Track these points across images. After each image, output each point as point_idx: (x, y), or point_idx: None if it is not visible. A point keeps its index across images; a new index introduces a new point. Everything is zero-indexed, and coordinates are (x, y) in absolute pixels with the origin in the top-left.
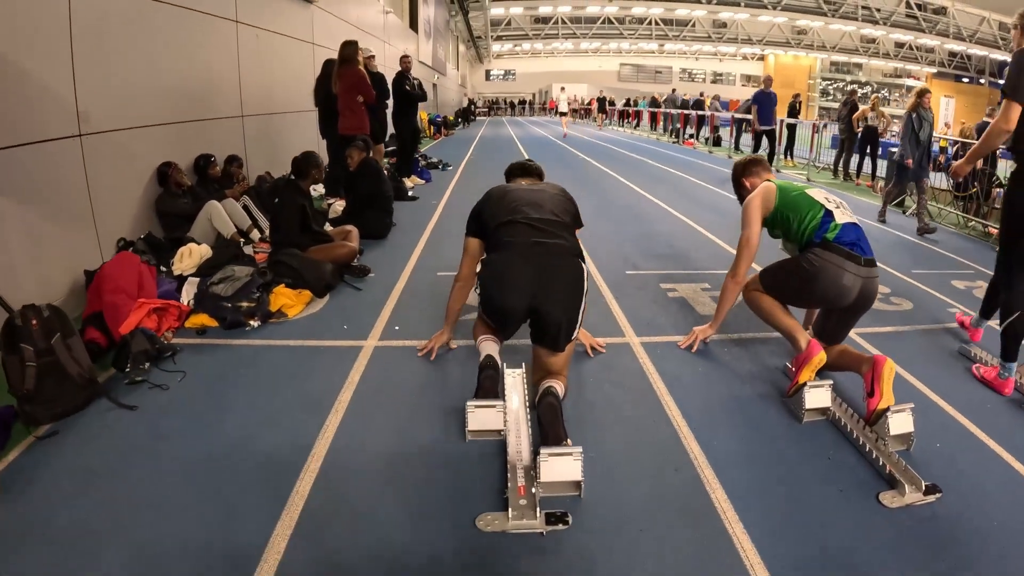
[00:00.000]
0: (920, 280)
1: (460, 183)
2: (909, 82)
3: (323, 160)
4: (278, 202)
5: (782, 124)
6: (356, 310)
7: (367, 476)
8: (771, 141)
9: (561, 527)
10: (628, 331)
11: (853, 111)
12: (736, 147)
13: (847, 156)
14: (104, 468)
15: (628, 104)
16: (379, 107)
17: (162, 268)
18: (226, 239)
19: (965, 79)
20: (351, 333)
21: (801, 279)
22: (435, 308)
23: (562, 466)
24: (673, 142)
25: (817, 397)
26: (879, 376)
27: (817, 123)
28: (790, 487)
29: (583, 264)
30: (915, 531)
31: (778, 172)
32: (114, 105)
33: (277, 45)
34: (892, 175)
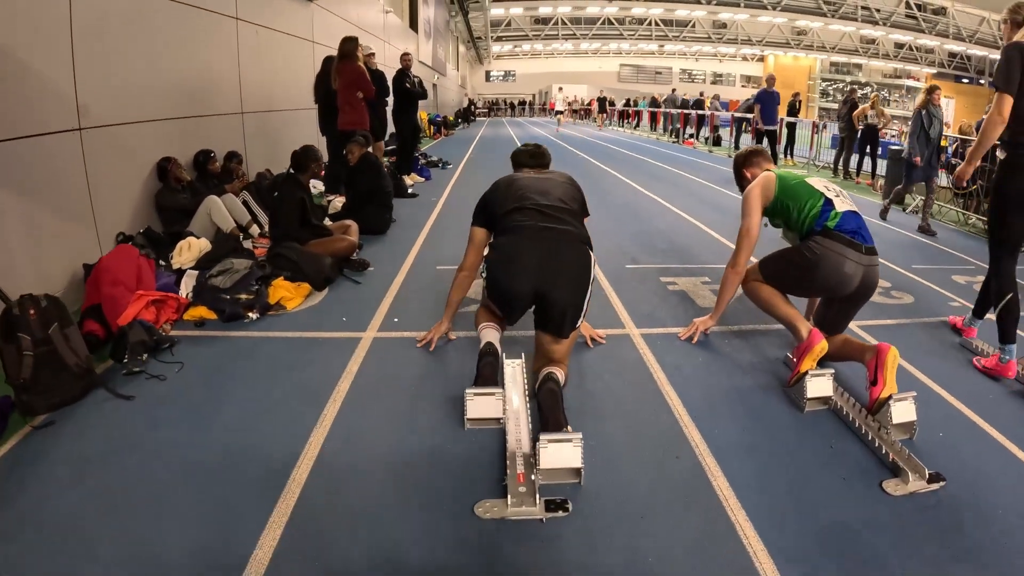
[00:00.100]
0: (921, 275)
1: (460, 181)
2: (909, 83)
3: (322, 154)
4: (277, 196)
5: (782, 123)
6: (355, 303)
7: (364, 464)
8: (772, 141)
9: (561, 514)
10: (628, 323)
11: (853, 109)
12: (736, 146)
13: (847, 154)
14: (100, 458)
15: (628, 104)
16: (379, 104)
17: (161, 262)
18: (225, 234)
19: (965, 80)
20: (350, 325)
21: (802, 267)
22: (435, 301)
23: (562, 452)
24: (673, 142)
25: (819, 386)
26: (883, 363)
27: (817, 122)
28: (792, 475)
29: (591, 252)
30: (919, 519)
31: None
32: (114, 100)
33: (277, 43)
34: (900, 174)
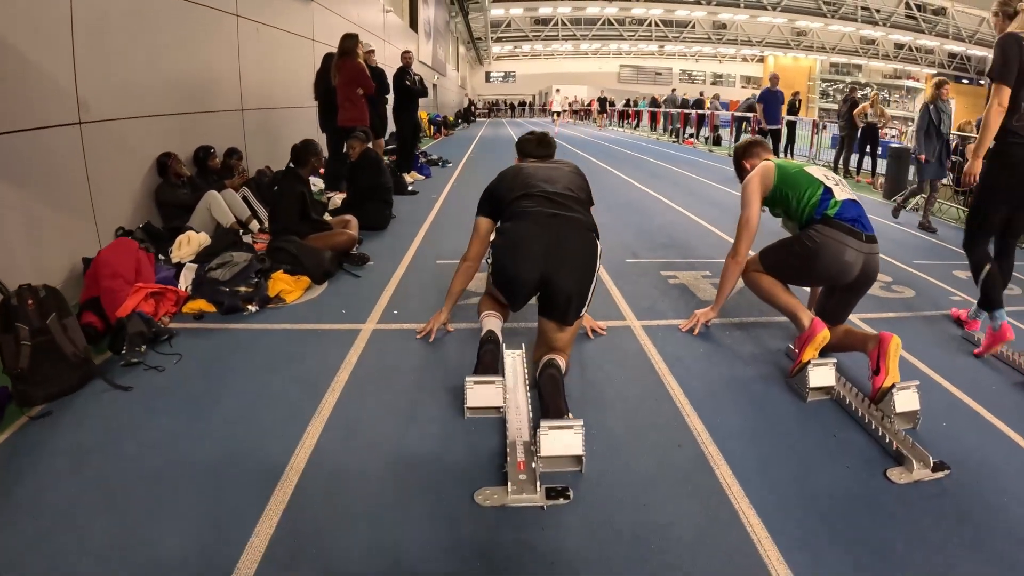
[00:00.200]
0: (922, 270)
1: (460, 179)
2: (909, 83)
3: (322, 150)
4: (277, 190)
5: (782, 122)
6: (354, 296)
7: (363, 453)
8: (775, 140)
9: (562, 502)
10: (629, 315)
11: (853, 107)
12: None
13: (847, 153)
14: (97, 448)
15: (628, 104)
16: (379, 101)
17: (160, 256)
18: (225, 229)
19: (965, 80)
20: (349, 317)
21: (803, 256)
22: (434, 295)
23: (563, 439)
24: (673, 141)
25: (821, 375)
26: (885, 352)
27: (817, 122)
28: (796, 464)
29: (597, 240)
30: (924, 507)
31: None
32: (115, 95)
33: (278, 41)
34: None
